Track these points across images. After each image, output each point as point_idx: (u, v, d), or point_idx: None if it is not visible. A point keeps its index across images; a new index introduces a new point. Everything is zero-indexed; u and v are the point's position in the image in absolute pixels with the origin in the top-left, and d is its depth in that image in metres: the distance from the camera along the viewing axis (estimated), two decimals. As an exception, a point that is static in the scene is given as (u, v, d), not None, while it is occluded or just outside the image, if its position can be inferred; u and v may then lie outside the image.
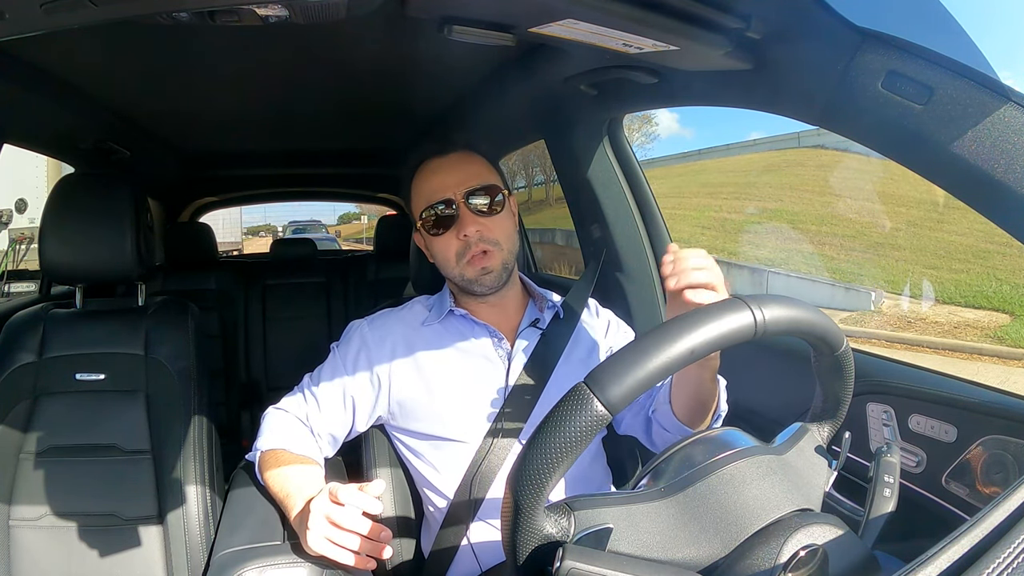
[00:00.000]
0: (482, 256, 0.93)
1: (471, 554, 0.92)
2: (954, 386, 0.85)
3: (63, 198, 1.17)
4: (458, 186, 0.94)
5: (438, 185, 0.95)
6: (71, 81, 1.24)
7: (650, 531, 0.51)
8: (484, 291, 0.96)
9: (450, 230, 0.94)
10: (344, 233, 20.83)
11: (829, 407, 0.64)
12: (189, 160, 2.16)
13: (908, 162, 0.74)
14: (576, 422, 0.47)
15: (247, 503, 0.91)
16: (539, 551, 0.49)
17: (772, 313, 0.51)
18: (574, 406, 0.47)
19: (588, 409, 0.47)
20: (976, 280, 3.45)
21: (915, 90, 0.67)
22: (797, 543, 0.48)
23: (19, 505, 1.08)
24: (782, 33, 0.78)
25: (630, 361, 0.48)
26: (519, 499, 0.48)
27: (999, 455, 0.74)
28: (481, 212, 0.94)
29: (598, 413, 0.47)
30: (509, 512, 0.49)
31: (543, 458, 0.47)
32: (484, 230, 0.93)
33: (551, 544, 0.49)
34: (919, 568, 0.39)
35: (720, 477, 0.53)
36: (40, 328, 1.18)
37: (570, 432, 0.47)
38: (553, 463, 0.47)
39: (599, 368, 0.48)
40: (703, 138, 23.85)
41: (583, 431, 0.47)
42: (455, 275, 0.97)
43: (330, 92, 1.48)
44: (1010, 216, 0.65)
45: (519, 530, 0.49)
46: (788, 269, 6.52)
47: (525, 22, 0.78)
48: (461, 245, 0.94)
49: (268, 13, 0.67)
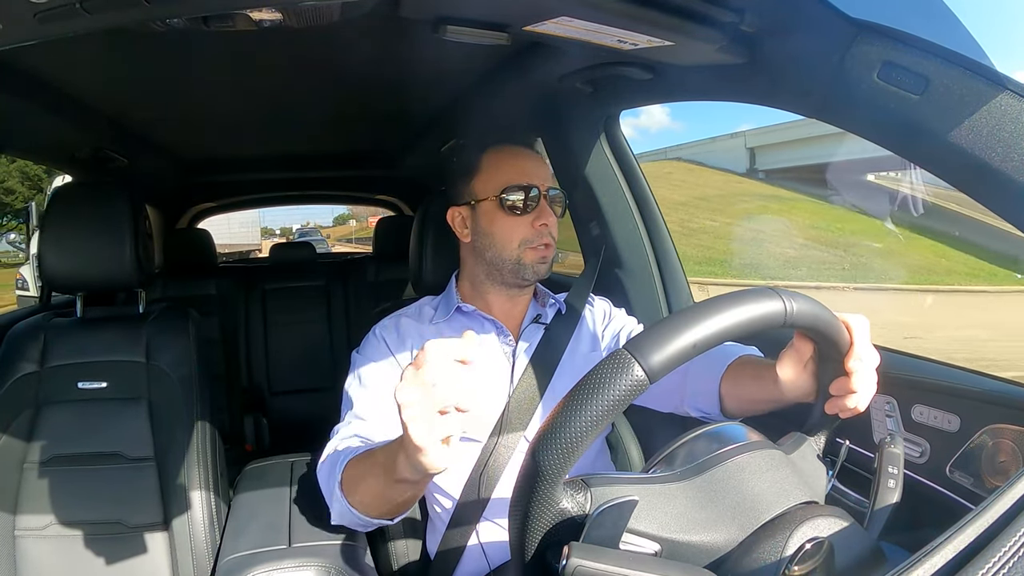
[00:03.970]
0: (547, 248, 0.98)
1: (479, 553, 0.92)
2: (956, 376, 0.85)
3: (61, 207, 1.17)
4: (544, 179, 0.98)
5: (526, 170, 0.98)
6: (67, 90, 1.24)
7: (668, 512, 0.51)
8: (533, 279, 0.99)
9: (527, 215, 0.96)
10: (335, 235, 22.85)
11: (827, 418, 0.64)
12: (187, 166, 2.16)
13: (906, 153, 0.74)
14: (615, 387, 0.45)
15: (252, 508, 0.92)
16: (551, 532, 0.48)
17: (799, 306, 0.52)
18: (613, 370, 0.46)
19: (628, 373, 0.45)
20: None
21: (911, 80, 0.67)
22: (803, 536, 0.48)
23: (24, 515, 1.08)
24: (776, 26, 0.78)
25: (671, 330, 0.47)
26: (542, 464, 0.46)
27: (1003, 443, 0.74)
28: (555, 210, 0.98)
29: (637, 378, 0.45)
30: (527, 480, 0.47)
31: (575, 422, 0.45)
32: (551, 225, 0.98)
33: (564, 524, 0.48)
34: (925, 558, 0.39)
35: (736, 464, 0.54)
36: (41, 338, 1.18)
37: (607, 396, 0.45)
38: (585, 429, 0.45)
39: (640, 336, 0.48)
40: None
41: (620, 397, 0.45)
42: (510, 257, 0.97)
43: (326, 95, 1.48)
44: (1008, 204, 0.65)
45: (535, 501, 0.47)
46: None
47: (519, 20, 0.78)
48: (532, 233, 0.96)
49: (261, 17, 0.67)
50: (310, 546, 0.88)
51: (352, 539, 0.90)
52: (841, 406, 0.62)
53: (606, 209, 1.40)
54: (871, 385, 0.62)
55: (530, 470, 0.47)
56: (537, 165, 0.99)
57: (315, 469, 0.88)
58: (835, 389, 0.62)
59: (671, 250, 1.38)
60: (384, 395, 0.92)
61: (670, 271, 1.37)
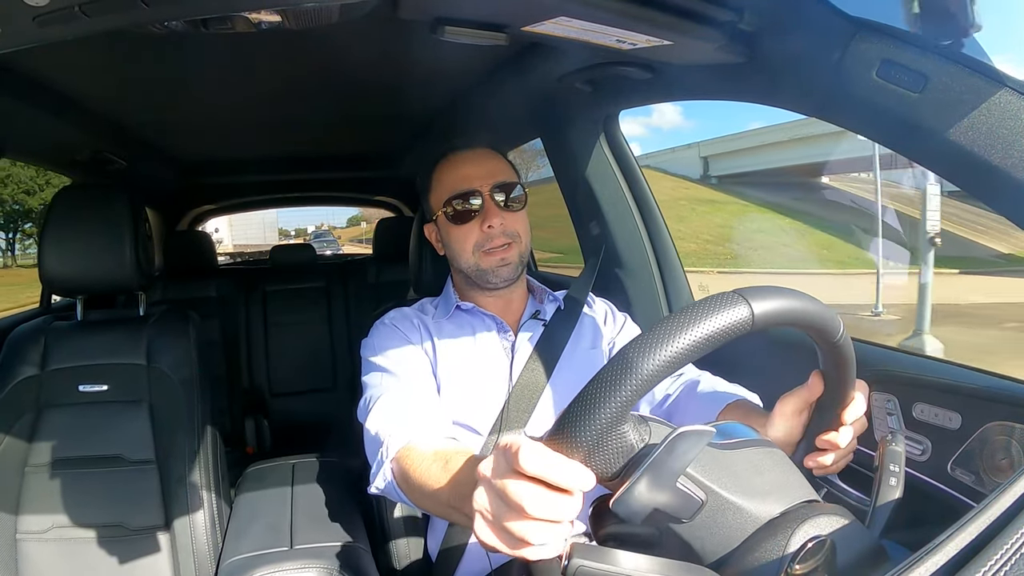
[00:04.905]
0: (504, 248, 0.96)
1: (480, 552, 0.92)
2: (957, 373, 0.85)
3: (61, 210, 1.17)
4: (484, 179, 0.97)
5: (465, 176, 0.97)
6: (67, 93, 1.24)
7: (723, 468, 0.50)
8: (499, 283, 0.98)
9: (472, 221, 0.96)
10: (346, 236, 24.09)
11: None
12: (186, 168, 2.16)
13: (905, 150, 0.74)
14: (721, 317, 0.45)
15: (253, 510, 0.92)
16: (611, 460, 0.46)
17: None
18: (724, 303, 0.46)
19: (737, 309, 0.45)
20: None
21: (910, 78, 0.67)
22: (804, 535, 0.48)
23: (26, 518, 1.08)
24: (775, 25, 0.78)
25: (787, 294, 0.49)
26: (628, 379, 0.44)
27: (1004, 441, 0.74)
28: (505, 206, 0.97)
29: (743, 317, 0.45)
30: (612, 376, 0.45)
31: (678, 339, 0.44)
32: (507, 224, 0.96)
33: (618, 445, 0.46)
34: (927, 556, 0.39)
35: (758, 451, 0.54)
36: (42, 341, 1.18)
37: (712, 324, 0.45)
38: (684, 350, 0.44)
39: (755, 287, 0.48)
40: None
41: (723, 328, 0.45)
42: (469, 265, 0.98)
43: (325, 97, 1.48)
44: (1007, 201, 0.65)
45: (612, 398, 0.44)
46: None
47: (517, 21, 0.78)
48: (482, 236, 0.96)
49: (260, 19, 0.67)
50: (312, 547, 0.88)
51: (354, 540, 0.90)
52: (819, 463, 0.62)
53: (606, 209, 1.40)
54: (850, 450, 0.63)
55: (618, 369, 0.45)
56: (480, 166, 0.98)
57: (316, 470, 0.88)
58: (821, 442, 0.62)
59: (671, 249, 1.38)
60: (407, 365, 0.92)
61: (670, 270, 1.37)
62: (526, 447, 0.44)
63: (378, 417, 0.86)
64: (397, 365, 0.92)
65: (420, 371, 0.93)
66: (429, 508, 0.76)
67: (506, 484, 0.44)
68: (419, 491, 0.72)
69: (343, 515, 1.00)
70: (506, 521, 0.44)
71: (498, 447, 0.47)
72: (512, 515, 0.44)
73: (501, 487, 0.45)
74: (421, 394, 0.90)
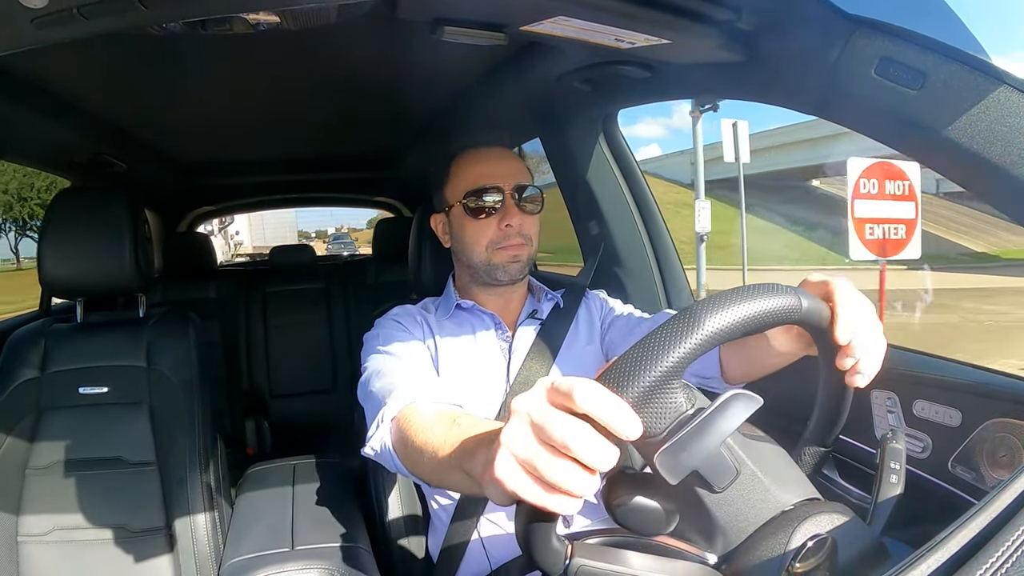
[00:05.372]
0: (517, 247, 0.97)
1: (481, 551, 0.92)
2: (957, 370, 0.85)
3: (61, 213, 1.17)
4: (508, 178, 0.97)
5: (488, 173, 0.98)
6: (65, 95, 1.24)
7: (760, 451, 0.52)
8: (506, 279, 0.99)
9: (491, 217, 0.97)
10: (363, 238, 24.04)
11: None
12: (185, 170, 2.16)
13: (904, 148, 0.74)
14: (772, 300, 0.48)
15: (254, 511, 0.91)
16: (659, 415, 0.47)
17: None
18: (780, 291, 0.49)
19: (788, 297, 0.49)
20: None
21: (908, 76, 0.67)
22: (805, 532, 0.48)
23: (27, 520, 1.08)
24: (773, 24, 0.78)
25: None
26: (694, 333, 0.45)
27: (1004, 438, 0.74)
28: (524, 208, 0.98)
29: (791, 304, 0.49)
30: (668, 341, 0.45)
31: (738, 307, 0.46)
32: (523, 225, 0.97)
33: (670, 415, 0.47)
34: (929, 553, 0.39)
35: (776, 448, 0.55)
36: (42, 343, 1.18)
37: (766, 303, 0.48)
38: (743, 319, 0.46)
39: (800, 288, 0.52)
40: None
41: (772, 311, 0.48)
42: (480, 260, 0.98)
43: (324, 98, 1.48)
44: (1007, 198, 0.65)
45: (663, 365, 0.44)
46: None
47: (516, 20, 0.78)
48: (499, 234, 0.97)
49: (259, 20, 0.67)
50: (313, 548, 0.88)
51: (355, 541, 0.90)
52: (849, 382, 0.58)
53: (605, 208, 1.40)
54: (873, 358, 0.57)
55: (685, 323, 0.46)
56: (503, 164, 0.99)
57: (317, 471, 0.88)
58: (834, 368, 0.57)
59: (671, 248, 1.38)
60: (409, 352, 0.91)
61: (670, 269, 1.37)
62: (583, 381, 0.40)
63: (379, 382, 0.84)
64: (400, 350, 0.93)
65: (422, 358, 0.93)
66: (425, 471, 0.69)
67: (551, 418, 0.40)
68: (419, 452, 0.67)
69: (344, 516, 1.00)
70: (540, 461, 0.40)
71: (540, 383, 0.44)
72: (549, 454, 0.40)
73: (542, 420, 0.40)
74: (423, 370, 0.90)
